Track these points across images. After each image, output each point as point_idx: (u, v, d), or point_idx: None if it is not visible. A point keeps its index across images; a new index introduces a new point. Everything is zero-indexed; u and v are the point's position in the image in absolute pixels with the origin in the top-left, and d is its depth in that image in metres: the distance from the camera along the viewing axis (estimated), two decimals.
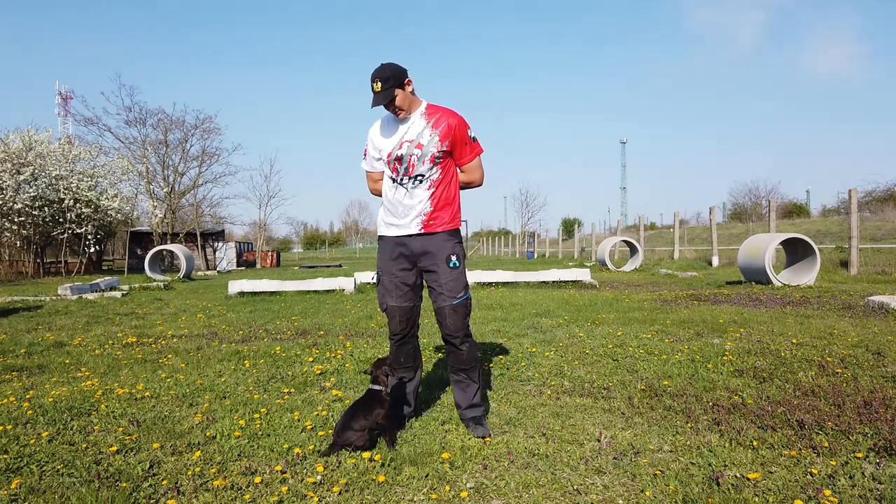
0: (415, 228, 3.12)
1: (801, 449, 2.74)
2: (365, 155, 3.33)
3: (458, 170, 3.23)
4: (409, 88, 3.08)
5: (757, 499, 2.28)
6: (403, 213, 3.13)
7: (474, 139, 3.18)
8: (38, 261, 23.52)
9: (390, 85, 3.00)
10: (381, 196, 3.29)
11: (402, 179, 3.12)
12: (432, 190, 3.11)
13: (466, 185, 3.29)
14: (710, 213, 19.47)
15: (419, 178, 3.11)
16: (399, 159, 3.10)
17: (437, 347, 5.36)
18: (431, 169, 3.10)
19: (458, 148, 3.14)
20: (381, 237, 3.27)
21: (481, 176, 3.28)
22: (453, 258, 3.12)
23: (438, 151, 3.08)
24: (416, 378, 3.37)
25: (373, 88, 3.01)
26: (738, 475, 2.48)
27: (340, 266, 29.12)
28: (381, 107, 3.04)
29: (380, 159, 3.22)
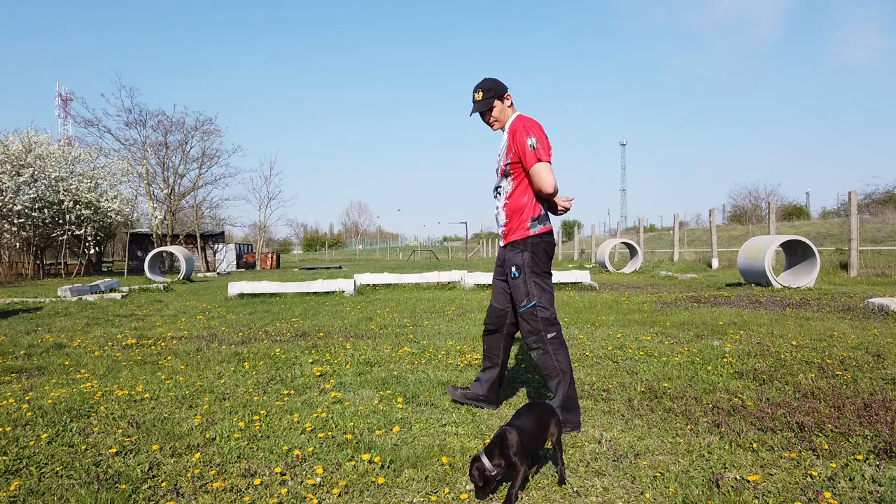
0: (502, 240, 3.38)
1: (800, 451, 2.73)
2: None
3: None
4: (507, 102, 3.32)
5: (757, 501, 2.27)
6: (497, 224, 3.41)
7: (534, 147, 3.14)
8: (38, 262, 23.51)
9: (490, 95, 3.28)
10: None
11: (493, 192, 3.42)
12: (506, 202, 3.29)
13: (537, 193, 3.23)
14: (710, 215, 19.48)
15: (497, 189, 3.36)
16: (496, 171, 3.38)
17: (435, 348, 5.36)
18: (504, 181, 3.29)
19: (522, 158, 3.18)
20: None
21: (544, 184, 3.15)
22: (513, 269, 3.28)
23: (504, 164, 3.25)
24: (491, 372, 3.52)
25: (473, 98, 3.32)
26: (737, 477, 2.48)
27: (340, 268, 29.13)
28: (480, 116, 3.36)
29: None
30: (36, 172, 21.81)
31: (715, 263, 18.62)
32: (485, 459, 2.31)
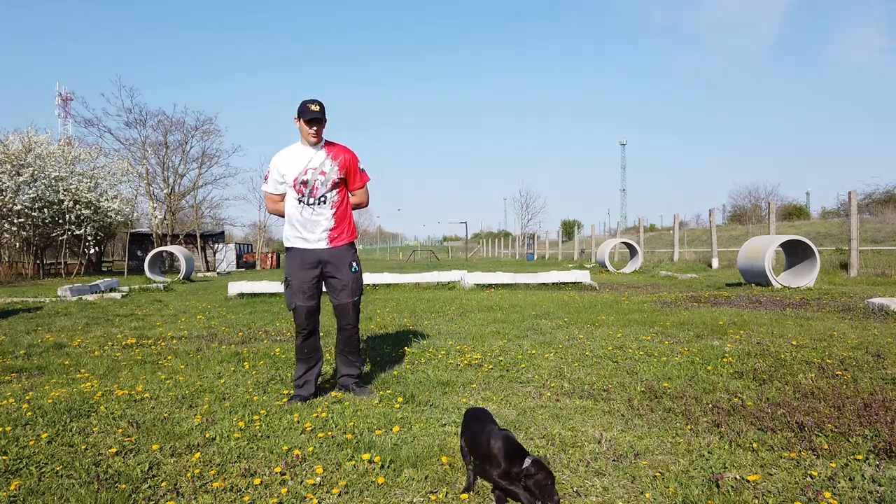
0: (323, 243, 3.80)
1: (800, 451, 2.73)
2: (266, 179, 3.91)
3: (350, 194, 3.94)
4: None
5: (757, 501, 2.27)
6: (311, 228, 3.79)
7: (363, 170, 3.95)
8: (38, 262, 23.51)
9: (324, 114, 3.71)
10: (280, 215, 3.94)
11: (308, 200, 3.78)
12: (335, 210, 3.82)
13: (356, 207, 4.01)
14: (710, 214, 19.48)
15: (322, 199, 3.78)
16: (304, 183, 3.76)
17: (435, 348, 5.36)
18: (332, 192, 3.79)
19: (350, 176, 3.86)
20: (288, 249, 3.89)
21: (367, 199, 4.07)
22: (354, 264, 3.89)
23: (338, 178, 3.80)
24: (318, 367, 3.92)
25: (310, 108, 3.65)
26: (737, 477, 2.48)
27: None
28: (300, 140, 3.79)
29: (283, 183, 3.82)
30: (36, 172, 21.80)
31: (715, 263, 18.62)
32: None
